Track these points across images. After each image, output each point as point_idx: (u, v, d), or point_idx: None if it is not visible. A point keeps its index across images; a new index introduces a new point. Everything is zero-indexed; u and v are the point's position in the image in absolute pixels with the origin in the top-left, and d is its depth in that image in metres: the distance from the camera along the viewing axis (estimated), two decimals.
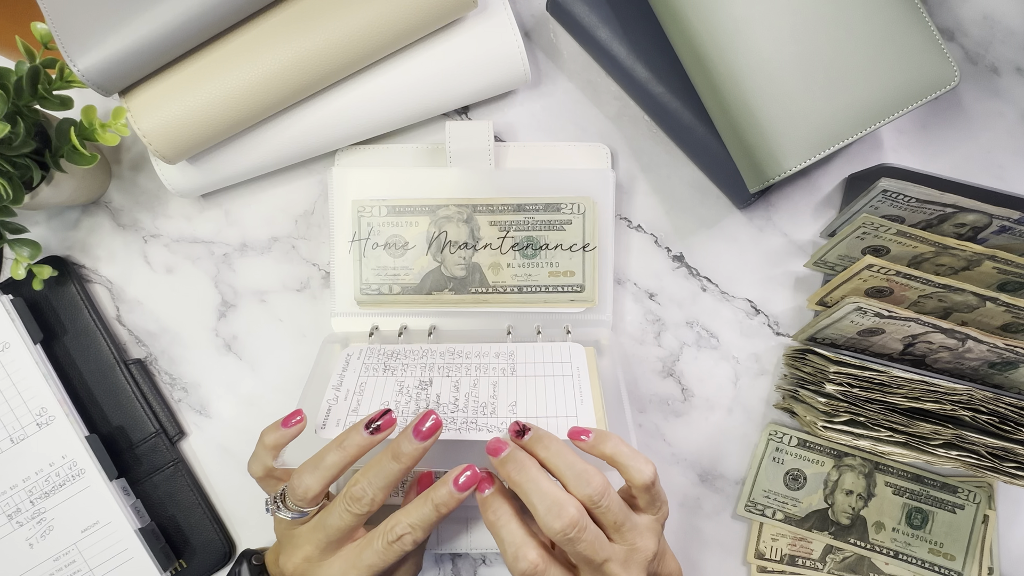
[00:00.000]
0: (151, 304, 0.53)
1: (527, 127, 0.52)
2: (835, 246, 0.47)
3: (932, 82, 0.44)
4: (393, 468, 0.38)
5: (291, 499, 0.38)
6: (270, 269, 0.52)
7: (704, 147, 0.49)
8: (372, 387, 0.43)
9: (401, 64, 0.47)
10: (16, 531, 0.48)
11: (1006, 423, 0.43)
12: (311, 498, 0.38)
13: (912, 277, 0.43)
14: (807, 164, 0.43)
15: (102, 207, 0.53)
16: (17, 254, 0.47)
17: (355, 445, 0.38)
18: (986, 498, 0.49)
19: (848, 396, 0.44)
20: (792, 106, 0.43)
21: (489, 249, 0.49)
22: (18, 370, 0.48)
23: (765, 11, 0.43)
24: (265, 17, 0.44)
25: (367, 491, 0.38)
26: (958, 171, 0.51)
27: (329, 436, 0.40)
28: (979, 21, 0.51)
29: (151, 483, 0.51)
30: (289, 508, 0.39)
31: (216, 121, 0.44)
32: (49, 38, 0.42)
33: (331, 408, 0.42)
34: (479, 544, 0.49)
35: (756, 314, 0.52)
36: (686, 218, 0.52)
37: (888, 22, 0.43)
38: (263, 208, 0.52)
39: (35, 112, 0.45)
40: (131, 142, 0.53)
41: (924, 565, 0.49)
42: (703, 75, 0.45)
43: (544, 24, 0.52)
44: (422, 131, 0.52)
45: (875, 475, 0.50)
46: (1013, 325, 0.44)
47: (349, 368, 0.45)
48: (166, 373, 0.53)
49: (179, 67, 0.44)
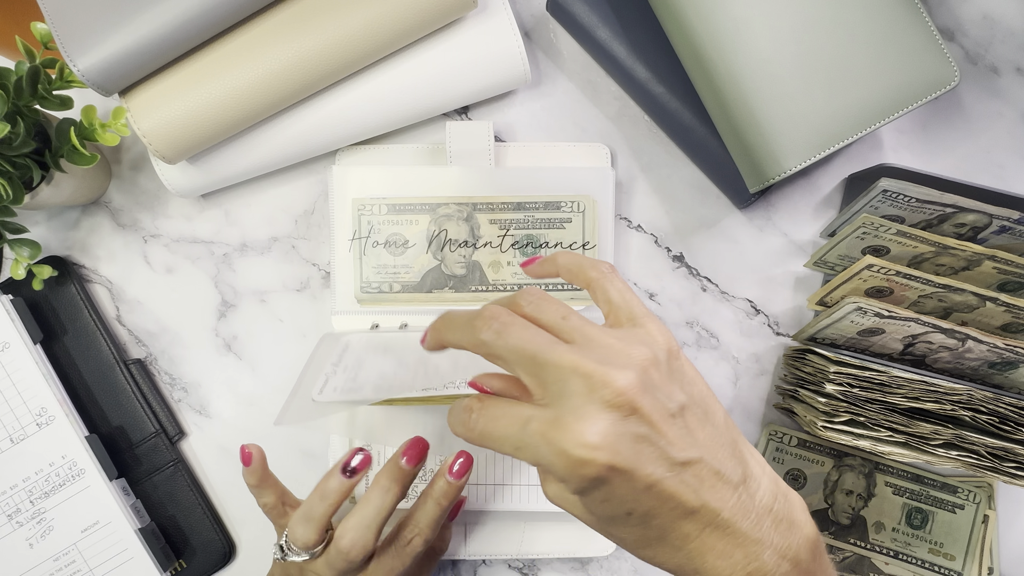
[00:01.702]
0: (151, 304, 0.53)
1: (527, 127, 0.52)
2: (835, 246, 0.47)
3: (932, 82, 0.44)
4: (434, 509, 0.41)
5: (296, 547, 0.40)
6: (270, 269, 0.52)
7: (704, 147, 0.49)
8: (372, 362, 0.43)
9: (401, 64, 0.47)
10: (16, 531, 0.48)
11: (1006, 423, 0.43)
12: (313, 544, 0.40)
13: (912, 277, 0.43)
14: (807, 164, 0.43)
15: (102, 207, 0.53)
16: (17, 254, 0.47)
17: (335, 491, 0.40)
18: (986, 498, 0.49)
19: (848, 396, 0.44)
20: (792, 106, 0.43)
21: (489, 247, 0.49)
22: (18, 370, 0.48)
23: (765, 11, 0.43)
24: (265, 17, 0.44)
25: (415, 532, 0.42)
26: (958, 171, 0.51)
27: (326, 400, 0.40)
28: (979, 21, 0.51)
29: (151, 483, 0.51)
30: (298, 552, 0.40)
31: (216, 121, 0.44)
32: (49, 38, 0.42)
33: (328, 379, 0.42)
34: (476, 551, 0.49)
35: (756, 314, 0.52)
36: (686, 218, 0.52)
37: (888, 22, 0.43)
38: (263, 208, 0.52)
39: (35, 112, 0.45)
40: (131, 142, 0.53)
41: (924, 565, 0.49)
42: (703, 75, 0.45)
43: (544, 24, 0.52)
44: (422, 131, 0.52)
45: (875, 475, 0.50)
46: (1013, 325, 0.44)
47: (348, 351, 0.45)
48: (166, 373, 0.53)
49: (179, 67, 0.44)
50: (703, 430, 0.31)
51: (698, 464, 0.30)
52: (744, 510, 0.30)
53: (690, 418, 0.30)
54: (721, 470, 0.30)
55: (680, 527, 0.30)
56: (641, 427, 0.29)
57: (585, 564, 0.51)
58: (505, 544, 0.49)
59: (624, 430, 0.28)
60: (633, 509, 0.30)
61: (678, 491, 0.29)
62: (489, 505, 0.48)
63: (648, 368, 0.30)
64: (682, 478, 0.29)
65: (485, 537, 0.49)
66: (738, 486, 0.30)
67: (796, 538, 0.31)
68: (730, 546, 0.30)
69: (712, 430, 0.31)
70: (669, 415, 0.29)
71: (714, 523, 0.30)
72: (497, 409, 0.31)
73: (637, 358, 0.30)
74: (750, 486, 0.31)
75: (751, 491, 0.31)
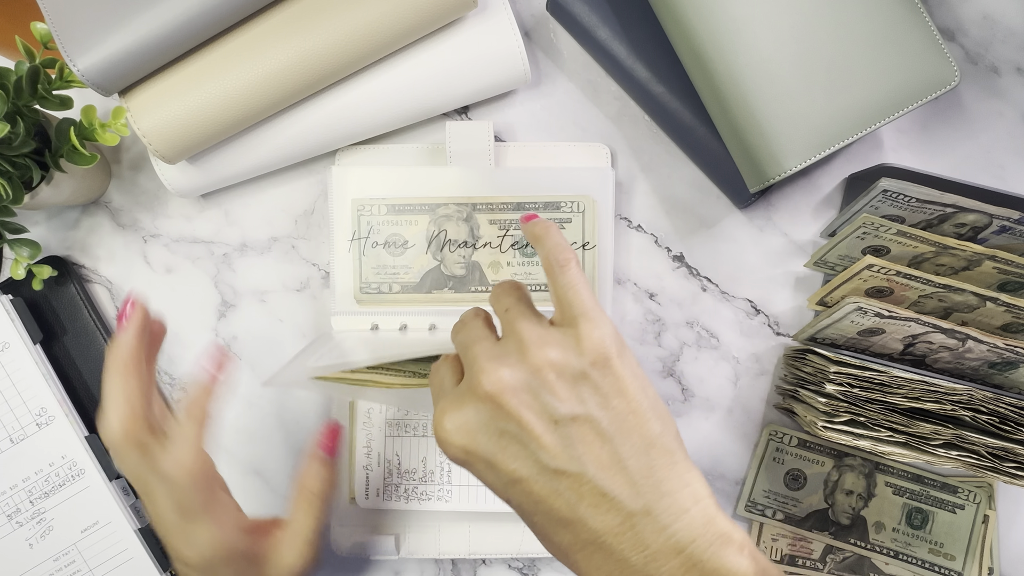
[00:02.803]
0: (151, 304, 0.53)
1: (527, 127, 0.52)
2: (835, 246, 0.47)
3: (932, 82, 0.44)
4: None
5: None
6: (270, 269, 0.52)
7: (704, 147, 0.49)
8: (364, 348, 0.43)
9: (401, 64, 0.47)
10: (16, 531, 0.48)
11: (1006, 423, 0.43)
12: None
13: (912, 277, 0.43)
14: (807, 164, 0.43)
15: (102, 207, 0.53)
16: (17, 254, 0.47)
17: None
18: (986, 498, 0.49)
19: (848, 396, 0.44)
20: (792, 106, 0.43)
21: (489, 248, 0.49)
22: (18, 370, 0.48)
23: (765, 11, 0.43)
24: (265, 17, 0.44)
25: None
26: (958, 171, 0.51)
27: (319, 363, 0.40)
28: (979, 21, 0.51)
29: None
30: None
31: (216, 121, 0.44)
32: (49, 38, 0.42)
33: (323, 357, 0.42)
34: (476, 551, 0.49)
35: (756, 314, 0.52)
36: (686, 218, 0.52)
37: (888, 22, 0.43)
38: (263, 208, 0.52)
39: (35, 112, 0.45)
40: (131, 142, 0.53)
41: (924, 565, 0.49)
42: (703, 75, 0.45)
43: (544, 24, 0.52)
44: (422, 131, 0.52)
45: (875, 475, 0.50)
46: (1013, 325, 0.44)
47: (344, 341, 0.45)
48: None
49: (179, 67, 0.44)
50: (599, 447, 0.29)
51: (575, 477, 0.28)
52: (636, 543, 0.28)
53: (581, 430, 0.29)
54: (609, 492, 0.28)
55: (558, 533, 0.29)
56: (508, 424, 0.29)
57: None
58: (505, 544, 0.49)
59: (486, 423, 0.30)
60: (508, 498, 0.30)
61: (547, 497, 0.29)
62: (489, 505, 0.48)
63: (544, 371, 0.30)
64: (554, 486, 0.29)
65: (485, 537, 0.49)
66: (632, 515, 0.28)
67: None
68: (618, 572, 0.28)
69: (611, 449, 0.29)
70: (551, 420, 0.29)
71: (595, 543, 0.28)
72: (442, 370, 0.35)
73: (536, 360, 0.30)
74: (657, 519, 0.28)
75: (656, 525, 0.28)
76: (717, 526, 0.29)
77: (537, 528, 0.31)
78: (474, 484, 0.48)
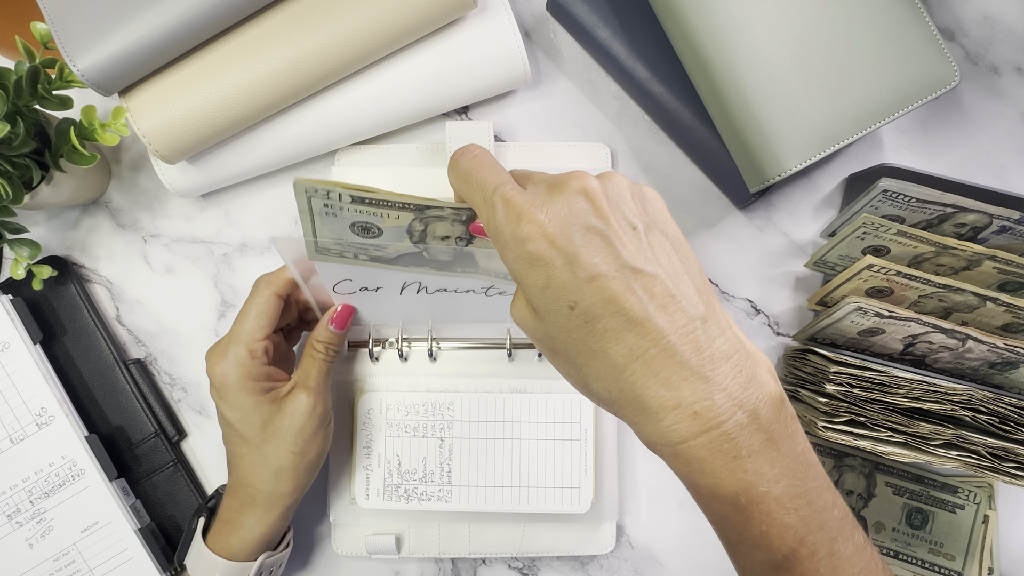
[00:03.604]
0: (151, 304, 0.53)
1: (527, 127, 0.52)
2: (835, 246, 0.47)
3: (932, 82, 0.44)
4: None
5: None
6: (270, 269, 0.52)
7: (704, 147, 0.49)
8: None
9: (401, 64, 0.47)
10: (16, 531, 0.48)
11: (1006, 423, 0.43)
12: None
13: (912, 277, 0.43)
14: (807, 164, 0.43)
15: (102, 207, 0.53)
16: (17, 254, 0.47)
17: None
18: (986, 498, 0.49)
19: (848, 396, 0.44)
20: (792, 106, 0.43)
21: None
22: (18, 370, 0.48)
23: (765, 11, 0.43)
24: (265, 17, 0.44)
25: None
26: (958, 171, 0.51)
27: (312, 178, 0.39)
28: (979, 21, 0.51)
29: (151, 483, 0.51)
30: None
31: (216, 121, 0.44)
32: (49, 38, 0.42)
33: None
34: (476, 551, 0.49)
35: (756, 314, 0.52)
36: (686, 218, 0.52)
37: (888, 22, 0.43)
38: (263, 208, 0.52)
39: (35, 112, 0.45)
40: (131, 142, 0.53)
41: (924, 565, 0.49)
42: (703, 75, 0.45)
43: (544, 24, 0.52)
44: (422, 131, 0.52)
45: (875, 475, 0.50)
46: (1013, 325, 0.44)
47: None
48: (166, 373, 0.53)
49: (179, 67, 0.44)
50: (665, 255, 0.30)
51: (651, 278, 0.29)
52: (696, 344, 0.29)
53: (652, 238, 0.30)
54: (677, 295, 0.29)
55: (623, 338, 0.29)
56: (597, 221, 0.30)
57: (585, 564, 0.51)
58: (505, 544, 0.49)
59: (577, 218, 0.30)
60: (575, 301, 0.29)
61: (623, 294, 0.29)
62: (489, 505, 0.48)
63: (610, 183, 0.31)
64: (629, 283, 0.29)
65: (485, 537, 0.49)
66: (694, 319, 0.29)
67: (756, 392, 0.29)
68: (677, 377, 0.28)
69: (676, 261, 0.30)
70: (629, 225, 0.30)
71: (659, 344, 0.28)
72: (489, 161, 0.34)
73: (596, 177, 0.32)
74: (709, 327, 0.29)
75: (709, 332, 0.29)
76: (745, 345, 0.31)
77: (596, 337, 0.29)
78: (473, 484, 0.48)
